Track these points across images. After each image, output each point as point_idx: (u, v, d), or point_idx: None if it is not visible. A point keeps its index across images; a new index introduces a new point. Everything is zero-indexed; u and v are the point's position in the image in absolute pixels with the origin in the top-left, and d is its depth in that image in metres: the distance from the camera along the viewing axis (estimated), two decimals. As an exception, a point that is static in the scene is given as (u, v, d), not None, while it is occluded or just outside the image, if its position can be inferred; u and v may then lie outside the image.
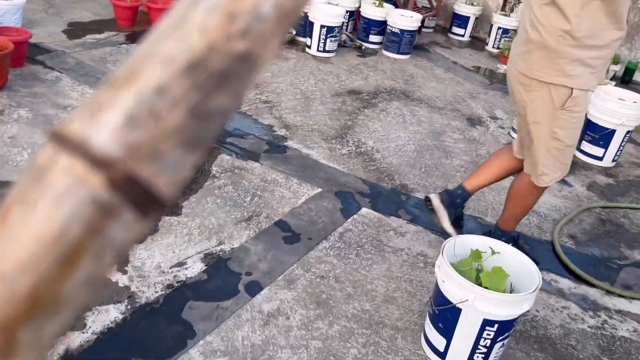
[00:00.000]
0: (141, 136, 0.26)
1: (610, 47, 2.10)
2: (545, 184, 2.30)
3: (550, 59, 2.06)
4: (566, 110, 2.11)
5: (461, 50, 5.96)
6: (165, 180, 0.26)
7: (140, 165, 0.26)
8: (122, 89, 0.26)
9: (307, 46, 4.96)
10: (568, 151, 2.25)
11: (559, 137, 2.17)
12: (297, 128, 3.50)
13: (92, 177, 0.25)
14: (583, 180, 3.47)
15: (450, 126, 3.94)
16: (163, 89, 0.26)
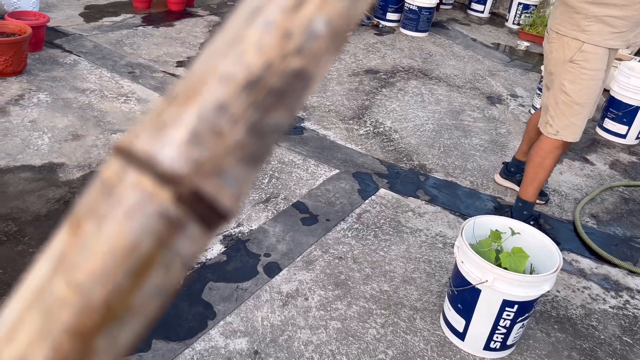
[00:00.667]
0: (205, 153, 0.27)
1: (633, 9, 2.12)
2: (547, 134, 2.37)
3: (568, 14, 2.21)
4: (574, 63, 2.22)
5: (480, 27, 5.84)
6: (227, 195, 0.27)
7: (205, 180, 0.27)
8: (184, 106, 0.27)
9: (324, 25, 4.90)
10: (576, 109, 2.29)
11: (567, 91, 2.27)
12: (314, 109, 3.49)
13: (161, 192, 0.26)
14: (605, 159, 3.41)
15: (469, 105, 3.89)
16: (223, 106, 0.27)
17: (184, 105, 0.27)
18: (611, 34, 2.17)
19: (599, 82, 2.27)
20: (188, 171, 0.26)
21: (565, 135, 2.34)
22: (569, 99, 2.27)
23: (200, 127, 0.27)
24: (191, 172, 0.26)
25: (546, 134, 2.38)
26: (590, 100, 2.29)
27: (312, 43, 0.27)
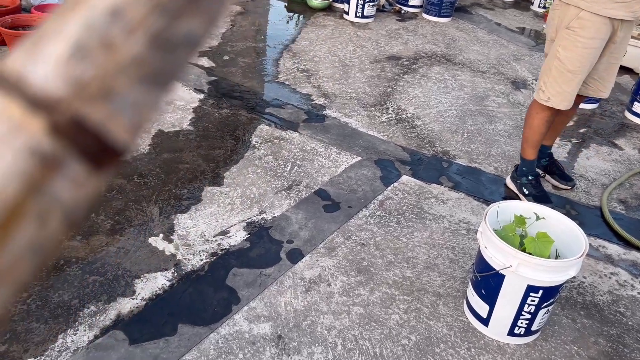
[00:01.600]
0: (90, 70, 0.21)
1: None
2: (538, 99, 2.43)
3: None
4: (570, 30, 2.25)
5: (505, 11, 5.73)
6: (121, 124, 0.22)
7: (90, 105, 0.21)
8: (68, 15, 0.22)
9: (345, 12, 4.88)
10: (568, 77, 2.32)
11: (560, 57, 2.31)
12: (336, 96, 3.48)
13: (31, 121, 0.21)
14: (635, 143, 3.33)
15: (493, 90, 3.83)
16: (118, 11, 0.21)
17: (68, 15, 0.22)
18: (612, 2, 2.16)
19: (592, 51, 2.27)
20: (67, 93, 0.21)
21: (556, 102, 2.39)
22: (562, 66, 2.32)
23: (85, 39, 0.21)
24: (71, 94, 0.21)
25: (538, 99, 2.45)
26: (583, 69, 2.31)
27: None
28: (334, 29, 4.62)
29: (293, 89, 3.52)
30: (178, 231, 2.20)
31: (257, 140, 2.89)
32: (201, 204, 2.37)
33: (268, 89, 3.52)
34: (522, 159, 2.63)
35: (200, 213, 2.31)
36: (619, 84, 4.14)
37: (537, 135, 2.52)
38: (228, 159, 2.71)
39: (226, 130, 2.95)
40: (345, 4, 4.84)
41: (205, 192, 2.44)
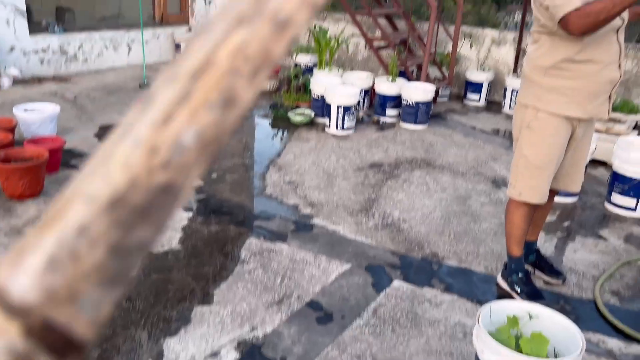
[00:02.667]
0: (59, 279, 0.25)
1: (586, 81, 2.28)
2: (511, 195, 2.52)
3: (528, 85, 2.42)
4: (531, 129, 2.40)
5: (478, 115, 6.04)
6: (83, 321, 0.26)
7: (58, 309, 0.25)
8: (45, 231, 0.27)
9: (326, 126, 5.11)
10: (536, 172, 2.42)
11: (526, 155, 2.43)
12: (322, 205, 3.55)
13: (10, 326, 0.25)
14: (619, 233, 3.38)
15: (475, 190, 3.94)
16: (84, 228, 0.26)
17: (46, 230, 0.27)
18: (566, 103, 2.32)
19: (555, 148, 2.39)
20: (39, 300, 0.25)
21: (528, 197, 2.47)
22: (528, 162, 2.43)
23: (58, 252, 0.26)
24: (43, 301, 0.25)
25: (510, 195, 2.54)
26: (549, 164, 2.42)
27: (179, 156, 0.27)
28: (316, 142, 4.81)
29: (280, 201, 3.59)
30: (167, 356, 2.13)
31: (247, 254, 2.90)
32: (191, 325, 2.32)
33: (256, 203, 3.59)
34: (509, 256, 2.65)
35: (190, 335, 2.26)
36: (595, 176, 4.29)
37: (519, 231, 2.57)
38: (217, 275, 2.70)
39: (215, 247, 2.96)
40: (326, 118, 5.09)
41: (194, 312, 2.40)
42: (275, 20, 0.28)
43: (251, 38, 0.28)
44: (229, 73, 0.27)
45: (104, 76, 6.59)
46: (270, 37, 0.28)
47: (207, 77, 0.27)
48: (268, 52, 0.28)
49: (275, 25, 0.28)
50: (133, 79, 6.49)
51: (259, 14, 0.28)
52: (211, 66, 0.27)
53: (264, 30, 0.28)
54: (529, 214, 2.54)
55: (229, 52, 0.27)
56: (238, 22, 0.28)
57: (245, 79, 0.28)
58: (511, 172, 2.55)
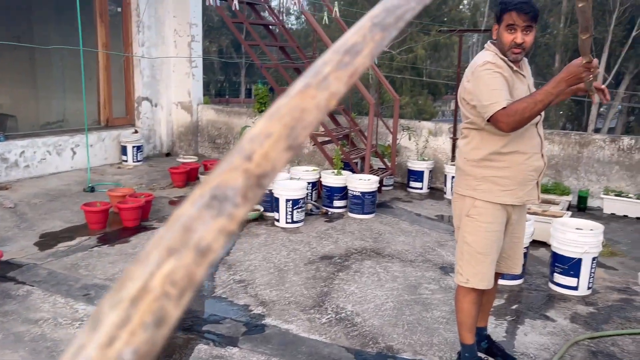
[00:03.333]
0: None
1: (514, 170, 2.44)
2: (458, 282, 2.59)
3: (463, 176, 2.55)
4: (471, 217, 2.50)
5: (422, 202, 6.24)
6: None
7: None
8: None
9: (276, 220, 5.14)
10: (480, 258, 2.50)
11: (468, 242, 2.52)
12: (274, 303, 3.49)
13: None
14: (565, 313, 3.47)
15: (424, 278, 3.99)
16: None
17: None
18: (500, 191, 2.46)
19: (495, 234, 2.51)
20: None
21: (475, 283, 2.54)
22: (471, 249, 2.52)
23: None
24: None
25: (458, 282, 2.60)
26: (491, 250, 2.52)
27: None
28: (266, 236, 4.81)
29: (230, 302, 3.51)
30: None
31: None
32: None
33: (204, 306, 3.50)
34: (462, 344, 2.66)
35: None
36: (537, 257, 4.44)
37: (469, 318, 2.60)
38: (165, 388, 2.56)
39: (161, 357, 2.83)
40: (275, 212, 5.13)
41: None
42: (198, 249, 0.33)
43: (178, 266, 0.33)
44: (160, 297, 0.32)
45: (46, 182, 6.47)
46: (193, 264, 0.33)
47: (144, 301, 0.32)
48: (192, 276, 0.33)
49: (198, 253, 0.33)
50: (77, 183, 6.39)
51: (184, 245, 0.33)
52: (146, 292, 0.32)
53: (188, 259, 0.33)
54: (477, 300, 2.59)
55: (161, 280, 0.32)
56: (168, 253, 0.33)
57: (174, 301, 0.32)
58: (456, 260, 2.63)
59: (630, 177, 5.98)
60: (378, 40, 0.40)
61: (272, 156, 0.37)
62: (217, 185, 0.35)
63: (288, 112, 0.38)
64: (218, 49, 27.87)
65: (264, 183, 0.36)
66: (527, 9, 2.32)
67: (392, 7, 0.42)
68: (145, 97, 8.16)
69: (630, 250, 4.74)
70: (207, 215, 0.34)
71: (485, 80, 2.36)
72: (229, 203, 0.35)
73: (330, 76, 0.39)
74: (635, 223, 5.62)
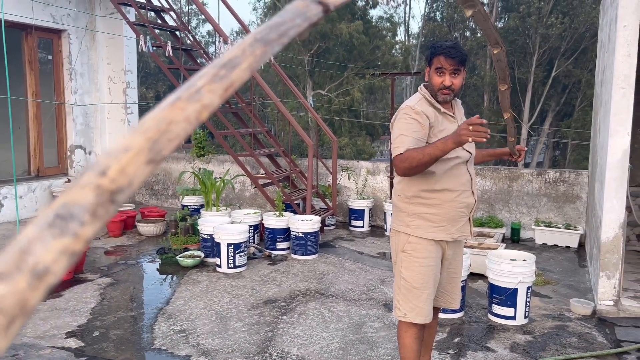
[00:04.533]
0: None
1: (445, 207, 2.53)
2: (396, 316, 2.63)
3: (398, 213, 2.61)
4: (406, 252, 2.56)
5: (364, 239, 6.31)
6: None
7: None
8: None
9: (217, 265, 5.04)
10: (416, 293, 2.55)
11: (404, 277, 2.57)
12: (217, 352, 3.39)
13: None
14: (504, 343, 3.56)
15: (369, 316, 4.00)
16: None
17: None
18: (432, 227, 2.53)
19: (430, 269, 2.56)
20: None
21: (413, 317, 2.57)
22: (407, 284, 2.56)
23: None
24: None
25: (396, 317, 2.64)
26: (427, 284, 2.56)
27: None
28: (208, 283, 4.70)
29: (171, 353, 3.38)
30: None
31: (134, 420, 2.63)
32: None
33: (144, 359, 3.35)
34: None
35: None
36: (475, 289, 4.56)
37: (412, 353, 2.62)
38: None
39: (98, 416, 2.67)
40: (217, 258, 5.04)
41: None
42: (34, 272, 0.31)
43: (8, 293, 0.30)
44: None
45: (-30, 236, 6.08)
46: (27, 289, 0.30)
47: None
48: (24, 302, 0.30)
49: (33, 277, 0.31)
50: (5, 237, 6.06)
51: (18, 270, 0.31)
52: None
53: (21, 284, 0.30)
54: (419, 335, 2.62)
55: None
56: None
57: (1, 331, 0.29)
58: (394, 294, 2.66)
59: (558, 207, 6.31)
60: (259, 54, 0.40)
61: (129, 171, 0.35)
62: (63, 203, 0.33)
63: (154, 124, 0.36)
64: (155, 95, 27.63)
65: (118, 199, 0.34)
66: (455, 53, 2.45)
67: (275, 25, 0.42)
68: (79, 145, 7.93)
69: (562, 278, 4.96)
70: (47, 236, 0.32)
71: (400, 124, 2.48)
72: (75, 221, 0.32)
73: (203, 89, 0.38)
74: (565, 252, 5.90)
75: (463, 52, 2.48)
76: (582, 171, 6.32)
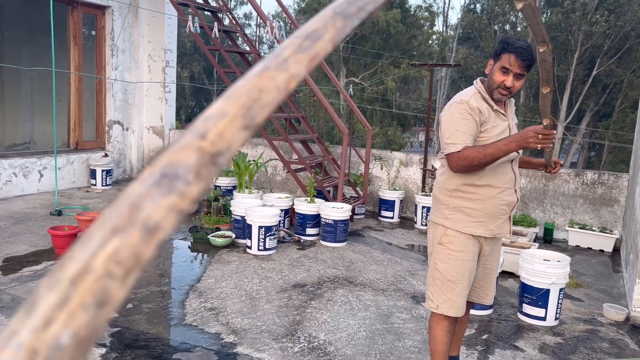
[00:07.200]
0: None
1: (486, 203, 2.50)
2: (428, 307, 2.64)
3: (437, 205, 2.61)
4: (442, 245, 2.56)
5: (393, 231, 6.30)
6: None
7: None
8: None
9: (248, 247, 5.10)
10: (450, 286, 2.54)
11: (439, 269, 2.57)
12: (246, 332, 3.44)
13: None
14: (533, 343, 3.53)
15: (396, 307, 4.01)
16: None
17: None
18: (471, 222, 2.51)
19: (466, 263, 2.55)
20: None
21: (445, 310, 2.56)
22: (442, 276, 2.56)
23: None
24: None
25: (428, 307, 2.64)
26: (462, 278, 2.55)
27: (56, 356, 0.29)
28: (238, 264, 4.77)
29: (201, 330, 3.45)
30: None
31: (166, 392, 2.71)
32: None
33: (175, 334, 3.43)
34: None
35: None
36: (506, 287, 4.52)
37: (442, 346, 2.62)
38: (134, 419, 2.48)
39: (131, 386, 2.75)
40: (248, 239, 5.10)
41: None
42: (146, 227, 0.32)
43: (124, 245, 0.31)
44: (103, 277, 0.31)
45: (11, 204, 6.29)
46: (140, 242, 0.32)
47: (84, 282, 0.30)
48: (139, 255, 0.32)
49: (145, 232, 0.32)
50: (44, 207, 6.24)
51: (131, 224, 0.32)
52: (88, 272, 0.31)
53: (135, 238, 0.31)
54: (450, 328, 2.62)
55: (104, 259, 0.31)
56: (113, 232, 0.32)
57: (118, 281, 0.31)
58: (427, 285, 2.67)
59: (594, 210, 6.18)
60: (339, 27, 0.40)
61: (227, 135, 0.35)
62: (168, 163, 0.34)
63: (245, 92, 0.37)
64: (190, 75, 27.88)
65: (219, 161, 0.35)
66: (526, 55, 2.36)
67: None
68: (117, 120, 8.08)
69: (595, 282, 4.87)
70: (156, 193, 0.32)
71: (455, 118, 2.44)
72: (180, 181, 0.33)
73: (290, 59, 0.38)
74: (598, 255, 5.79)
75: (534, 56, 2.35)
76: (623, 174, 6.16)
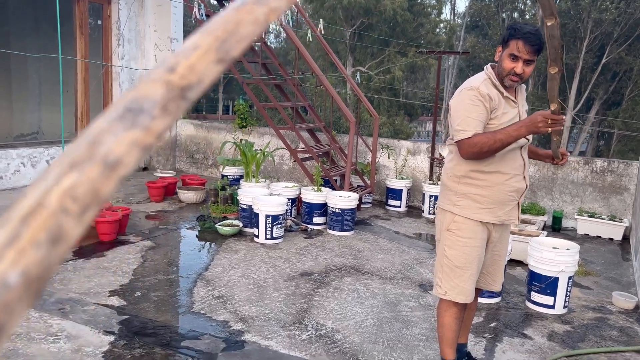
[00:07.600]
0: None
1: (495, 189, 2.48)
2: (436, 293, 2.64)
3: (445, 191, 2.60)
4: (450, 231, 2.55)
5: (400, 220, 6.28)
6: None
7: None
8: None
9: (255, 236, 5.10)
10: (458, 272, 2.54)
11: (447, 255, 2.57)
12: (254, 319, 3.45)
13: None
14: (542, 331, 3.51)
15: (404, 295, 4.00)
16: None
17: None
18: (479, 208, 2.50)
19: (474, 249, 2.54)
20: None
21: (453, 296, 2.56)
22: (450, 263, 2.56)
23: None
24: None
25: (436, 294, 2.64)
26: (470, 265, 2.54)
27: (3, 296, 0.27)
28: (245, 252, 4.77)
29: (209, 318, 3.46)
30: None
31: (174, 379, 2.72)
32: None
33: (183, 321, 3.44)
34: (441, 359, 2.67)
35: None
36: (514, 276, 4.50)
37: (450, 332, 2.62)
38: (143, 405, 2.49)
39: (140, 373, 2.76)
40: (255, 228, 5.10)
41: None
42: (106, 162, 0.31)
43: (81, 181, 0.30)
44: (57, 213, 0.29)
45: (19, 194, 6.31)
46: (99, 178, 0.30)
47: (36, 218, 0.29)
48: (97, 191, 0.30)
49: (105, 167, 0.31)
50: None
51: (90, 159, 0.31)
52: (41, 208, 0.29)
53: (93, 173, 0.30)
54: (459, 315, 2.61)
55: (59, 195, 0.30)
56: (70, 166, 0.31)
57: (74, 217, 0.30)
58: (435, 272, 2.66)
59: (603, 198, 6.13)
60: None
61: (198, 68, 0.34)
62: (133, 98, 0.33)
63: (221, 25, 0.35)
64: (196, 65, 27.84)
65: (189, 95, 0.34)
66: (535, 40, 2.32)
67: None
68: (124, 110, 8.08)
69: (604, 271, 4.84)
70: (118, 128, 0.31)
71: (466, 105, 2.41)
72: (145, 115, 0.32)
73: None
74: (607, 244, 5.75)
75: (542, 41, 2.31)
76: (633, 162, 6.10)
